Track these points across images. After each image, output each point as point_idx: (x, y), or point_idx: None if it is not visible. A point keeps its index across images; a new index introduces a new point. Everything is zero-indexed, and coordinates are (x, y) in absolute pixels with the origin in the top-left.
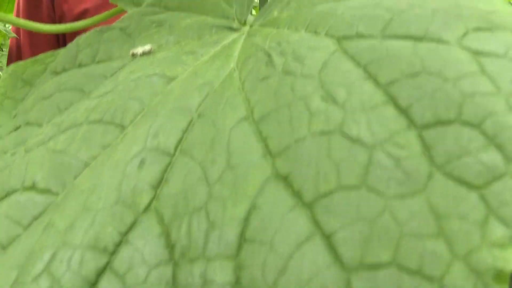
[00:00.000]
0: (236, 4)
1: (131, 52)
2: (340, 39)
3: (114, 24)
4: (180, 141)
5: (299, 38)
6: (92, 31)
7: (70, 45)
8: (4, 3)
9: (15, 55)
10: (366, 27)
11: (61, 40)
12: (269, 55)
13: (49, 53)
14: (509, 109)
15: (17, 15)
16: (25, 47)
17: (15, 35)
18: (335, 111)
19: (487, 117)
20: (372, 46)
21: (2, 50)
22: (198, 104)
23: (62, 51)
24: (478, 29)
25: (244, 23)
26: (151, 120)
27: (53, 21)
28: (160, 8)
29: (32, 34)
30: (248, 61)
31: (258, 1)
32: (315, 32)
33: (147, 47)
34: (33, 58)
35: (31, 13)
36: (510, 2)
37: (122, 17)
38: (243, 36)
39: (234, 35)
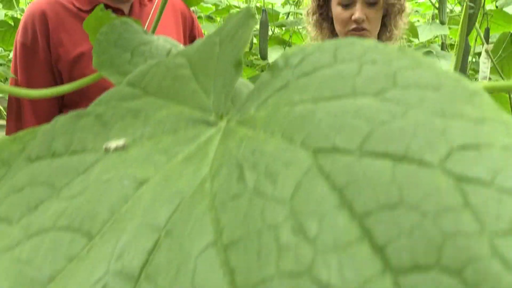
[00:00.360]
0: (214, 95)
1: (104, 146)
2: (316, 152)
3: (90, 108)
4: (145, 264)
5: (274, 148)
6: (68, 116)
7: (47, 127)
8: (6, 36)
9: (14, 102)
10: (343, 140)
11: (54, 65)
12: (241, 168)
13: (29, 130)
14: (492, 253)
15: (15, 59)
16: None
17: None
18: (306, 249)
19: (468, 263)
20: (348, 165)
21: None
22: (166, 220)
23: (39, 133)
24: (463, 148)
25: (221, 117)
26: (118, 233)
27: (50, 64)
28: (140, 90)
29: (30, 78)
30: (221, 170)
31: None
32: (291, 140)
33: (120, 142)
34: (12, 136)
35: (28, 57)
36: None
37: (99, 98)
38: (219, 134)
39: (211, 131)
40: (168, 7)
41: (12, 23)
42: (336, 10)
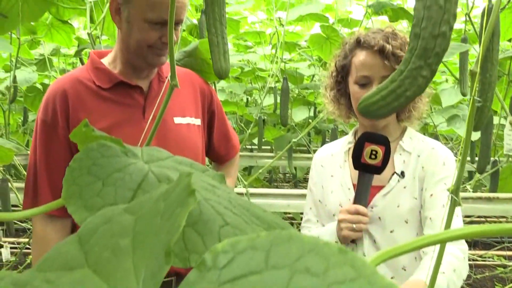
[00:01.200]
0: (143, 284)
1: None
2: None
3: (41, 276)
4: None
5: None
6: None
7: None
8: (35, 101)
9: (32, 176)
10: None
11: (72, 143)
12: None
13: None
14: None
15: (35, 134)
16: (41, 171)
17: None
18: None
19: None
20: None
21: None
22: None
23: None
24: None
25: None
26: None
27: (68, 142)
28: (83, 256)
29: (48, 155)
30: None
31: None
32: None
33: None
34: None
35: (48, 133)
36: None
37: (47, 258)
38: None
39: None
40: (186, 83)
41: (42, 88)
42: (353, 88)
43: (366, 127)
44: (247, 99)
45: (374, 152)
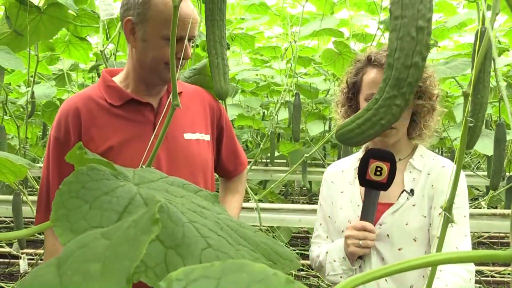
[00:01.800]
0: None
1: None
2: None
3: None
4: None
5: None
6: None
7: None
8: (52, 116)
9: (44, 192)
10: None
11: None
12: None
13: None
14: None
15: (48, 151)
16: (53, 186)
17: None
18: None
19: None
20: None
21: None
22: None
23: None
24: None
25: None
26: None
27: None
28: (57, 280)
29: (61, 171)
30: None
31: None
32: None
33: None
34: None
35: (61, 151)
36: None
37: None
38: None
39: None
40: (196, 99)
41: (59, 104)
42: (363, 105)
43: (376, 143)
44: (263, 113)
45: (379, 169)
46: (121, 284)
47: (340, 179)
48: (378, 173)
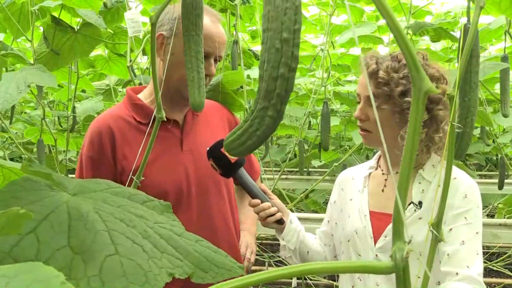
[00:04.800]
0: None
1: None
2: None
3: None
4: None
5: None
6: None
7: None
8: None
9: None
10: None
11: (118, 177)
12: None
13: None
14: None
15: (80, 169)
16: None
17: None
18: None
19: None
20: None
21: None
22: None
23: None
24: None
25: None
26: None
27: (115, 176)
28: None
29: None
30: None
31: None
32: None
33: None
34: None
35: (95, 169)
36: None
37: None
38: None
39: None
40: (216, 114)
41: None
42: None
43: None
44: (310, 122)
45: (214, 166)
46: None
47: (350, 187)
48: (215, 168)
